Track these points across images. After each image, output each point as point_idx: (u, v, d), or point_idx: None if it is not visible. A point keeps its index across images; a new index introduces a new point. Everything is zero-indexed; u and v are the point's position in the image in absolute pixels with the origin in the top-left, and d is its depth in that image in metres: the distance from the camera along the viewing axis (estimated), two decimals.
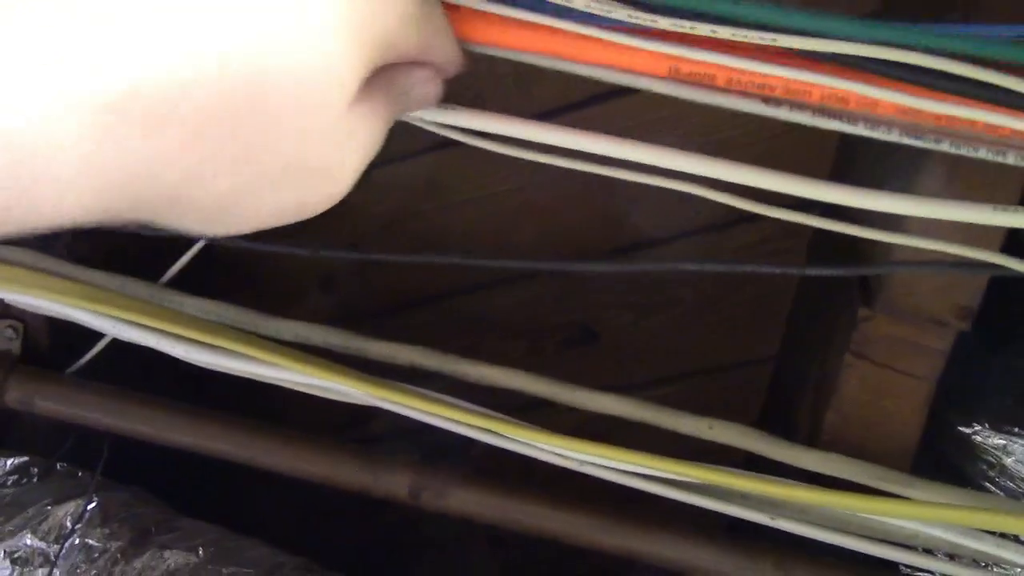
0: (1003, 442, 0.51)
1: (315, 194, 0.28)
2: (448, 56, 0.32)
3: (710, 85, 0.34)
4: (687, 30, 0.32)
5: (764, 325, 0.77)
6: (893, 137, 0.35)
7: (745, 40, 0.32)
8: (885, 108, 0.34)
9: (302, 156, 0.26)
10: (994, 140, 0.34)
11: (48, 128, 0.22)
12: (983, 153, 0.35)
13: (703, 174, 0.37)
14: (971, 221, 0.37)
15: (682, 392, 0.82)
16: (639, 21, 0.32)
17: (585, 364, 0.81)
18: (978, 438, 0.52)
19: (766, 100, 0.34)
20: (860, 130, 0.35)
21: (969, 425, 0.52)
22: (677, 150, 0.37)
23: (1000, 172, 0.38)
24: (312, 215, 0.29)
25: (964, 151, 0.35)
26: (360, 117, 0.28)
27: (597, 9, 0.32)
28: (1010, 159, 0.35)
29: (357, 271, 0.82)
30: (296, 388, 0.51)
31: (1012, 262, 0.39)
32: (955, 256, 0.40)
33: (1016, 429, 0.50)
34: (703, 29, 0.32)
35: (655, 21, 0.32)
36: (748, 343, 0.80)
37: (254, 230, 0.28)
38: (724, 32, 0.32)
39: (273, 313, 0.56)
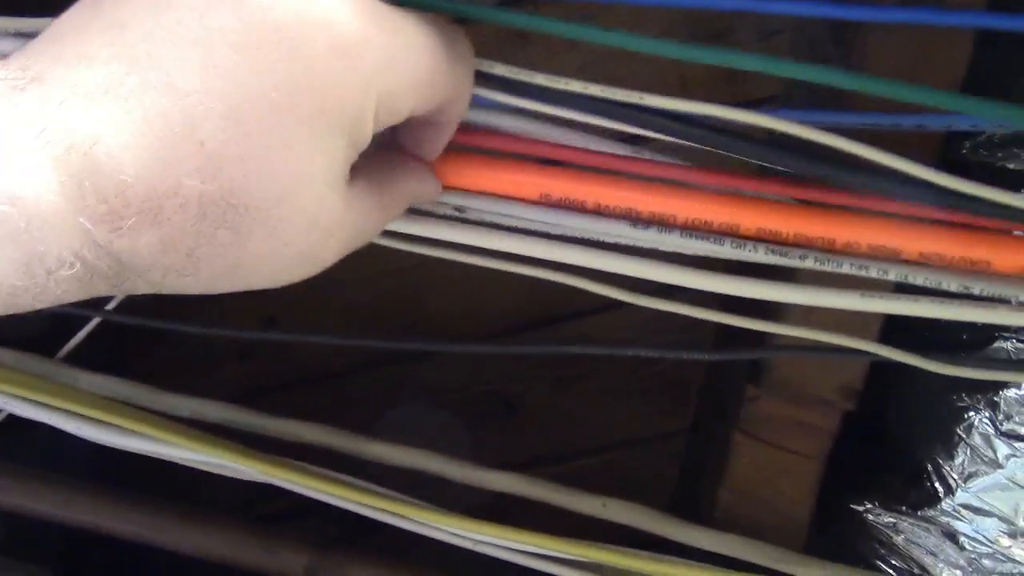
0: (893, 521, 0.52)
1: (291, 276, 0.28)
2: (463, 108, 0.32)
3: (580, 209, 0.36)
4: (562, 86, 0.33)
5: (678, 397, 0.78)
6: (759, 257, 0.36)
7: (612, 97, 0.33)
8: (747, 229, 0.36)
9: (279, 248, 0.26)
10: (855, 256, 0.36)
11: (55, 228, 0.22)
12: (847, 268, 0.36)
13: (581, 264, 0.37)
14: (839, 307, 0.38)
15: (600, 465, 0.83)
16: (518, 77, 0.33)
17: (502, 436, 0.82)
18: (870, 516, 0.52)
19: (633, 223, 0.36)
20: (727, 250, 0.36)
21: (861, 503, 0.53)
22: (561, 243, 0.38)
23: None
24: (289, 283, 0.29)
25: (828, 267, 0.36)
26: (347, 209, 0.28)
27: (481, 65, 0.33)
28: (872, 273, 0.36)
29: (275, 341, 0.82)
30: (191, 465, 0.51)
31: (885, 350, 0.40)
32: (833, 344, 0.41)
33: (905, 508, 0.51)
34: (576, 86, 0.33)
35: (532, 76, 0.33)
36: (664, 415, 0.81)
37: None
38: (595, 89, 0.34)
39: (189, 382, 0.56)
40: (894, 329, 0.45)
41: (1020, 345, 0.47)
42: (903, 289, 0.44)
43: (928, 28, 0.43)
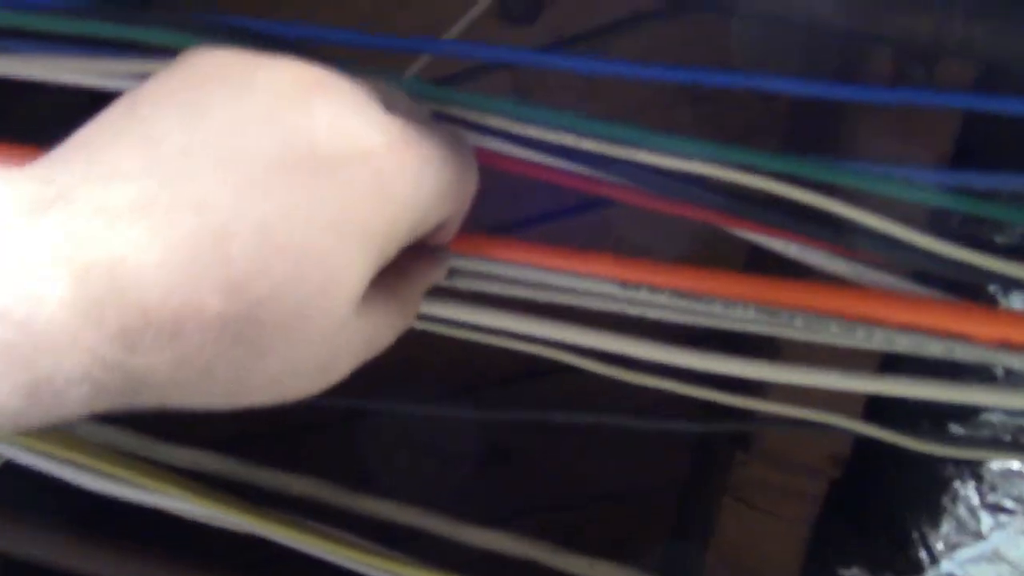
0: None
1: (306, 390, 0.28)
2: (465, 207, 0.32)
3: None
4: (552, 138, 0.34)
5: (672, 451, 0.78)
6: (749, 317, 0.37)
7: (605, 153, 0.34)
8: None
9: (295, 364, 0.26)
10: (841, 321, 0.37)
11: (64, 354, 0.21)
12: (833, 329, 0.37)
13: (569, 342, 0.38)
14: (821, 386, 0.38)
15: (591, 517, 0.83)
16: (511, 130, 0.34)
17: (496, 486, 0.82)
18: None
19: (623, 284, 0.36)
20: (717, 309, 0.36)
21: (847, 569, 0.53)
22: (549, 320, 0.38)
23: None
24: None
25: (816, 329, 0.37)
26: (363, 319, 0.27)
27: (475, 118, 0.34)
28: (858, 336, 0.37)
29: None
30: (184, 516, 0.51)
31: (867, 428, 0.41)
32: (817, 420, 0.42)
33: (888, 574, 0.51)
34: (568, 139, 0.35)
35: (524, 129, 0.35)
36: (657, 469, 0.81)
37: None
38: (588, 144, 0.35)
39: (182, 431, 0.56)
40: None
41: (1006, 418, 0.47)
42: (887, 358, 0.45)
43: (915, 109, 0.44)
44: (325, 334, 0.26)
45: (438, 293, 0.38)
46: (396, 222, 0.26)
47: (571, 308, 0.38)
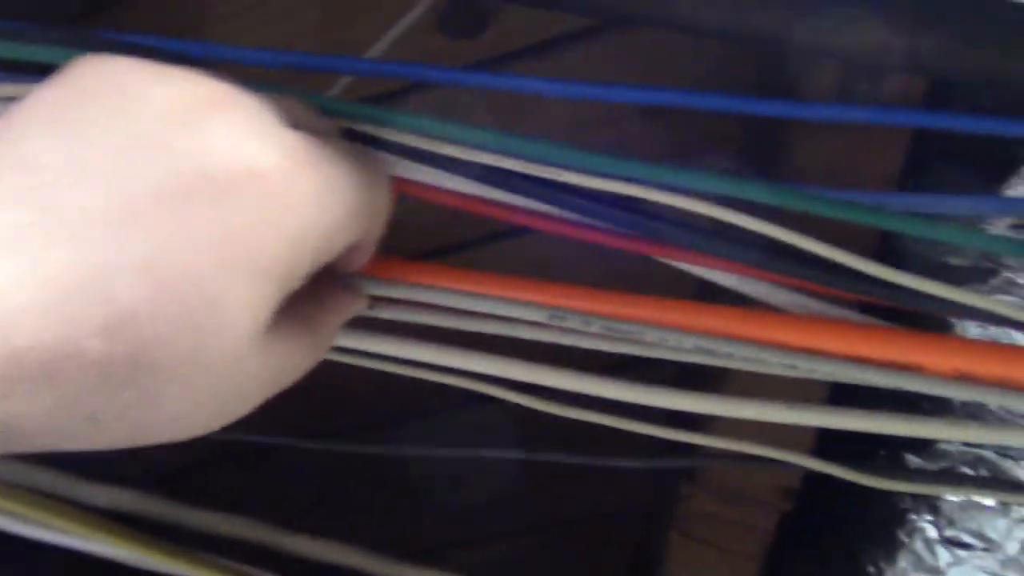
0: None
1: (206, 428, 0.25)
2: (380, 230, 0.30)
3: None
4: (473, 158, 0.32)
5: (628, 479, 0.76)
6: (687, 346, 0.34)
7: (527, 172, 0.32)
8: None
9: (192, 405, 0.24)
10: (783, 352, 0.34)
11: None
12: (776, 363, 0.35)
13: (498, 375, 0.36)
14: (765, 419, 0.36)
15: (548, 543, 0.80)
16: (425, 147, 0.32)
17: (446, 512, 0.79)
18: None
19: (552, 311, 0.34)
20: (651, 337, 0.34)
21: None
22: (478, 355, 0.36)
23: None
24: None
25: (756, 365, 0.34)
26: (268, 352, 0.25)
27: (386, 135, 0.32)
28: (801, 370, 0.35)
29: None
30: (104, 557, 0.49)
31: (815, 463, 0.39)
32: (763, 455, 0.40)
33: None
34: (488, 158, 0.32)
35: (442, 147, 0.32)
36: (615, 495, 0.78)
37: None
38: (508, 162, 0.32)
39: (104, 468, 0.54)
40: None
41: (963, 448, 0.46)
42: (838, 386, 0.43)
43: (864, 125, 0.42)
44: (223, 373, 0.24)
45: (362, 325, 0.36)
46: (298, 249, 0.24)
47: (509, 340, 0.37)
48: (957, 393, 0.34)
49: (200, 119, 0.23)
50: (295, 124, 0.25)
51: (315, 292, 0.29)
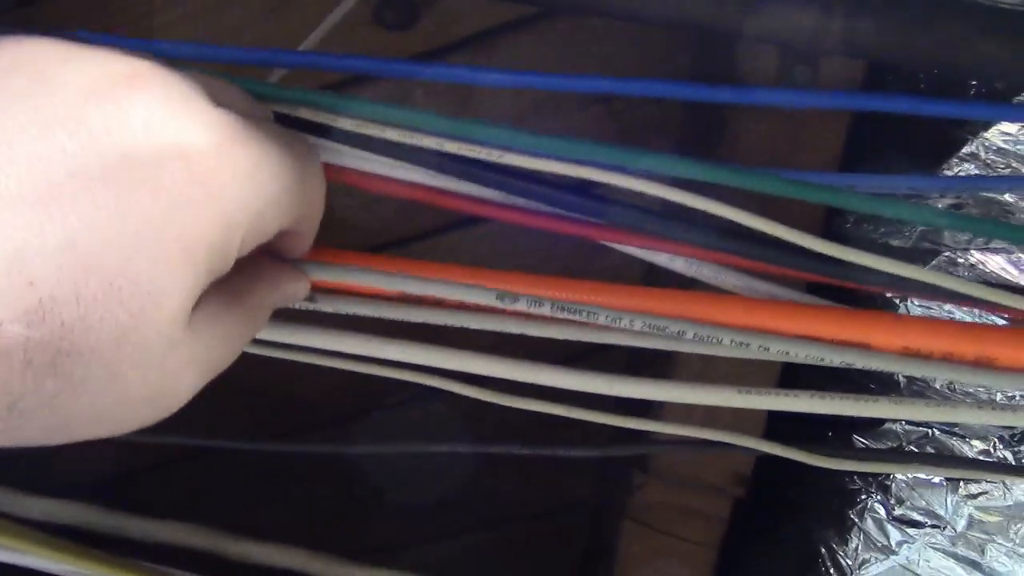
0: None
1: (138, 422, 0.24)
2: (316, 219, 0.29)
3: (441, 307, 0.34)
4: (415, 141, 0.31)
5: (582, 466, 0.76)
6: (637, 328, 0.34)
7: (470, 155, 0.31)
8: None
9: (121, 395, 0.23)
10: (735, 332, 0.34)
11: None
12: (726, 343, 0.34)
13: (445, 367, 0.35)
14: (716, 404, 0.36)
15: (498, 540, 0.80)
16: (365, 131, 0.31)
17: (394, 511, 0.78)
18: None
19: (501, 295, 0.33)
20: (601, 320, 0.34)
21: None
22: (421, 346, 0.35)
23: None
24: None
25: (708, 344, 0.34)
26: (198, 338, 0.24)
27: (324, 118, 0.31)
28: (753, 349, 0.34)
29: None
30: (42, 571, 0.47)
31: (767, 445, 0.39)
32: (714, 439, 0.39)
33: None
34: (430, 141, 0.31)
35: (383, 131, 0.31)
36: (564, 488, 0.78)
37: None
38: (451, 146, 0.32)
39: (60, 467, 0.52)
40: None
41: (910, 427, 0.46)
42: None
43: (804, 109, 0.42)
44: (151, 360, 0.23)
45: (305, 320, 0.35)
46: (227, 230, 0.23)
47: (456, 333, 0.36)
48: (905, 368, 0.34)
49: (119, 96, 0.22)
50: (221, 104, 0.24)
51: (250, 274, 0.28)
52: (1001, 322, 0.39)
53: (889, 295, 0.44)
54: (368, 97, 0.32)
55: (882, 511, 0.46)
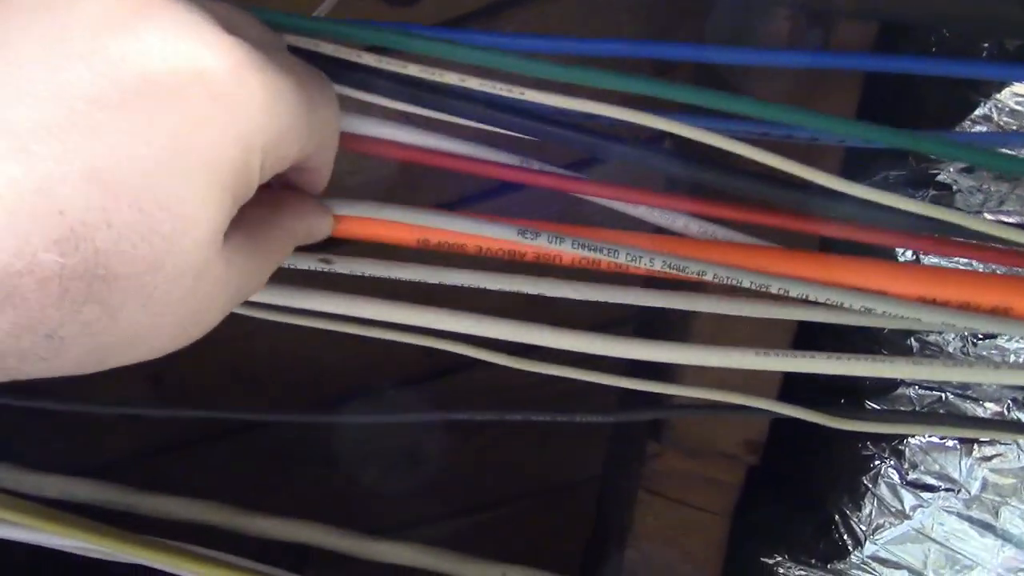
0: (803, 573, 0.50)
1: (169, 346, 0.25)
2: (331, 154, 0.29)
3: (461, 253, 0.34)
4: (436, 77, 0.31)
5: (589, 442, 0.76)
6: (656, 268, 0.33)
7: (496, 92, 0.31)
8: (637, 269, 0.34)
9: (155, 319, 0.23)
10: (755, 274, 0.34)
11: None
12: (747, 283, 0.34)
13: (458, 331, 0.35)
14: (732, 366, 0.36)
15: (511, 515, 0.80)
16: (387, 66, 0.31)
17: (408, 490, 0.78)
18: (780, 570, 0.51)
19: (523, 232, 0.33)
20: (622, 261, 0.33)
21: (771, 556, 0.51)
22: (435, 309, 0.35)
23: (768, 322, 0.38)
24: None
25: (728, 282, 0.34)
26: (227, 263, 0.25)
27: (345, 54, 0.31)
28: (774, 289, 0.34)
29: (165, 397, 0.78)
30: (58, 549, 0.47)
31: (783, 407, 0.39)
32: (730, 402, 0.39)
33: (815, 561, 0.49)
34: (452, 77, 0.31)
35: (404, 67, 0.31)
36: (574, 462, 0.78)
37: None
38: (473, 82, 0.31)
39: (74, 446, 0.52)
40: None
41: (923, 391, 0.46)
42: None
43: (816, 72, 0.42)
44: (184, 282, 0.23)
45: (327, 284, 0.35)
46: (245, 150, 0.24)
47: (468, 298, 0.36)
48: (922, 315, 0.34)
49: (133, 24, 0.22)
50: (234, 31, 0.24)
51: (274, 204, 0.29)
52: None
53: (903, 251, 0.44)
54: None
55: (896, 476, 0.46)
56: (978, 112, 0.43)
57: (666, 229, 0.36)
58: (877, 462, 0.47)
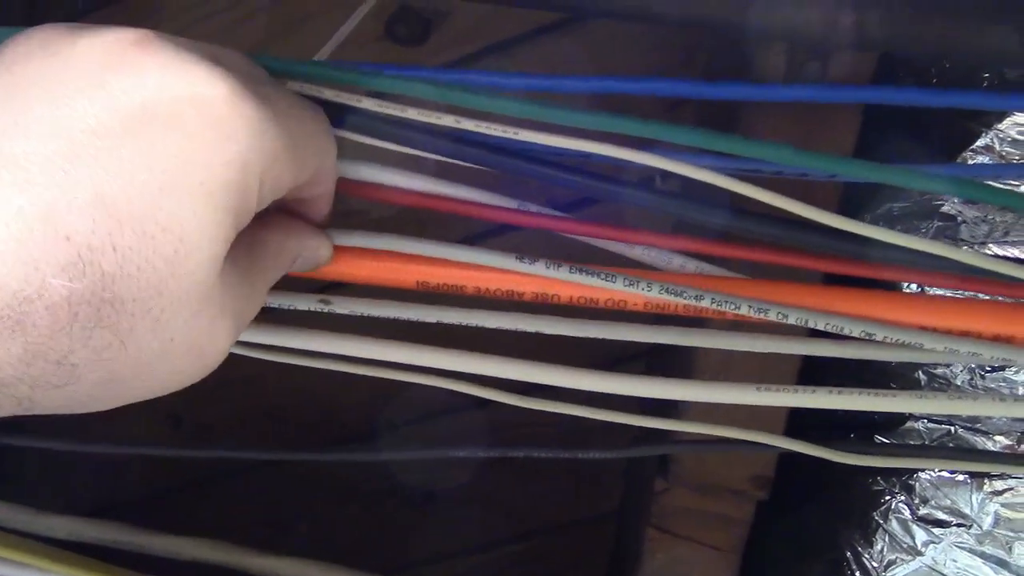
0: None
1: (184, 376, 0.26)
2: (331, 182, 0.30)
3: (460, 294, 0.34)
4: (433, 120, 0.32)
5: (605, 479, 0.75)
6: (653, 294, 0.33)
7: (488, 133, 0.32)
8: (636, 302, 0.34)
9: (164, 346, 0.24)
10: (753, 300, 0.34)
11: None
12: (744, 310, 0.34)
13: (464, 370, 0.35)
14: (735, 402, 0.36)
15: (525, 552, 0.79)
16: (387, 111, 0.31)
17: (422, 526, 0.78)
18: None
19: (520, 259, 0.33)
20: (619, 286, 0.33)
21: None
22: (443, 349, 0.35)
23: (775, 357, 0.38)
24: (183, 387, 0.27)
25: (726, 308, 0.34)
26: (228, 288, 0.26)
27: (348, 99, 0.31)
28: (771, 315, 0.34)
29: (186, 433, 0.78)
30: None
31: (789, 443, 0.38)
32: (737, 437, 0.39)
33: None
34: (448, 120, 0.32)
35: (404, 111, 0.32)
36: (590, 499, 0.78)
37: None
38: (468, 124, 0.32)
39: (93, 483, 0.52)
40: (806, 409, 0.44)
41: (932, 425, 0.45)
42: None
43: (815, 106, 0.42)
44: (190, 305, 0.24)
45: (330, 326, 0.35)
46: (244, 170, 0.25)
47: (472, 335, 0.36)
48: (924, 341, 0.33)
49: (133, 59, 0.24)
50: (223, 66, 0.25)
51: (275, 227, 0.30)
52: None
53: (907, 284, 0.43)
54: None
55: (907, 511, 0.46)
56: (980, 142, 0.42)
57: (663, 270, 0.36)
58: (888, 497, 0.46)
